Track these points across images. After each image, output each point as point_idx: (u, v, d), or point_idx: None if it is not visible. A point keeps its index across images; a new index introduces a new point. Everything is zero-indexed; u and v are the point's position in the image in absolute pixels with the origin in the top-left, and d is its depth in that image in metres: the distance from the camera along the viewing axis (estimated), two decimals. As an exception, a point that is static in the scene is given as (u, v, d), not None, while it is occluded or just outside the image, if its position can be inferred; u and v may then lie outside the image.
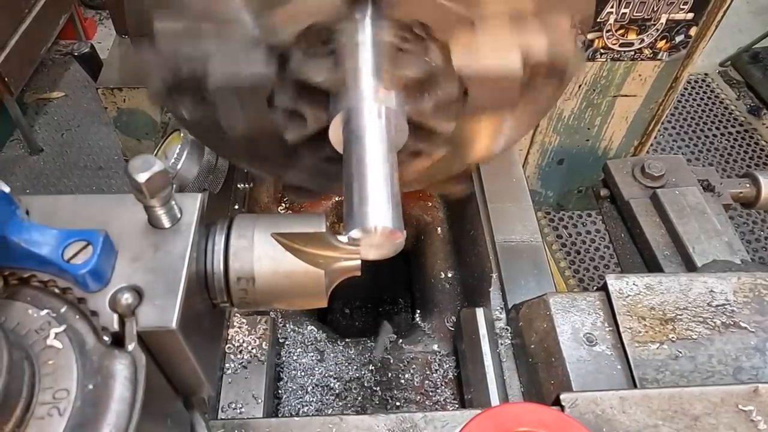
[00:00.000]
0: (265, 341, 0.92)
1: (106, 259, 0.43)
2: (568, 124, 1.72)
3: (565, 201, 2.05)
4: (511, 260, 1.00)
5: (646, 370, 0.75)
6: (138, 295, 0.43)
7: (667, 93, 1.64)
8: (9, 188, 0.42)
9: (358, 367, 1.05)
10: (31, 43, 2.56)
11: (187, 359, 0.46)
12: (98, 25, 3.41)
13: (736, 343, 0.77)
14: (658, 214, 1.15)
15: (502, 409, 0.56)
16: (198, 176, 0.93)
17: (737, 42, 3.21)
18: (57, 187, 2.64)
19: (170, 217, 0.46)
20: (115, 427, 0.38)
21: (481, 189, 1.11)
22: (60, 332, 0.41)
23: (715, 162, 2.79)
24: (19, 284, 0.43)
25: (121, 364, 0.40)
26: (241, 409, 0.84)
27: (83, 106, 2.99)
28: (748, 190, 1.23)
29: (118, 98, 1.43)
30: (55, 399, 0.38)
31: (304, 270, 0.50)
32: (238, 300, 0.50)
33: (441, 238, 1.24)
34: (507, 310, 0.94)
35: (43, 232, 0.42)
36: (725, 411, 0.62)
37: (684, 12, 1.42)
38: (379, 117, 0.58)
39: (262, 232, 0.50)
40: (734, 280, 0.82)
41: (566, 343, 0.78)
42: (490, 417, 0.51)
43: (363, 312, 1.41)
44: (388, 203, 0.51)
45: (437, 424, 0.65)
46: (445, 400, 1.00)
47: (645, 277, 0.82)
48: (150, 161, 0.42)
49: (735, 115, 3.02)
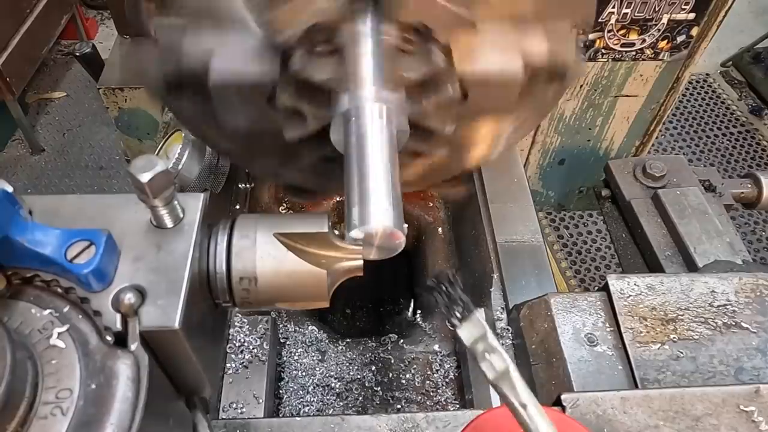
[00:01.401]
0: (266, 341, 0.92)
1: (108, 258, 0.43)
2: (570, 125, 1.73)
3: (566, 201, 2.05)
4: (512, 260, 1.00)
5: (647, 370, 0.75)
6: (141, 295, 0.43)
7: (668, 93, 1.64)
8: (12, 188, 0.42)
9: (359, 368, 1.05)
10: (33, 43, 2.56)
11: (190, 359, 0.46)
12: (100, 25, 3.41)
13: (738, 344, 0.77)
14: (659, 215, 1.15)
15: (503, 410, 0.56)
16: (199, 176, 0.93)
17: (739, 42, 3.20)
18: (58, 187, 2.64)
19: (173, 216, 0.47)
20: (118, 426, 0.38)
21: (483, 189, 1.11)
22: (63, 332, 0.41)
23: (717, 162, 2.78)
24: (22, 284, 0.43)
25: (123, 364, 0.40)
26: (242, 409, 0.84)
27: (85, 106, 3.00)
28: (750, 191, 1.23)
29: (120, 98, 1.43)
30: (58, 398, 0.38)
31: (306, 270, 0.50)
32: (241, 300, 0.50)
33: (442, 238, 1.24)
34: (508, 311, 0.94)
35: (46, 232, 0.42)
36: (726, 411, 0.62)
37: (685, 12, 1.42)
38: (381, 117, 0.58)
39: (264, 232, 0.50)
40: (736, 281, 0.82)
41: (567, 343, 0.78)
42: (492, 418, 0.51)
43: (364, 312, 1.41)
44: (389, 203, 0.51)
45: (439, 424, 0.65)
46: (446, 400, 1.00)
47: (646, 278, 0.82)
48: (153, 161, 0.42)
49: (736, 115, 3.01)
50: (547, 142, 1.78)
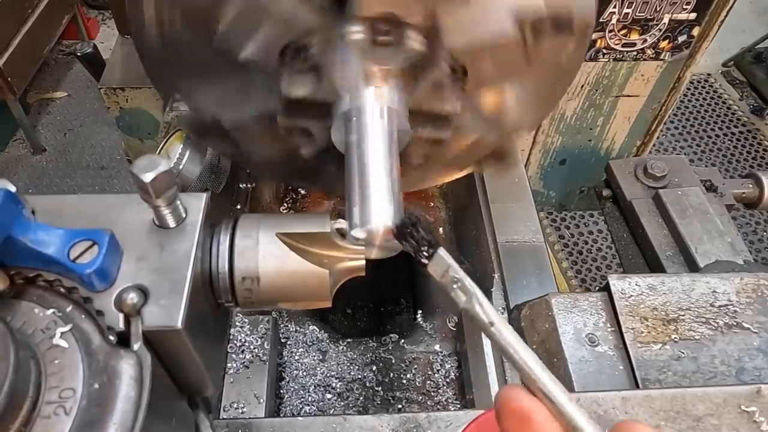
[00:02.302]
0: (267, 341, 0.92)
1: (111, 258, 0.43)
2: (571, 125, 1.72)
3: (567, 201, 2.04)
4: (513, 260, 1.00)
5: (648, 370, 0.75)
6: (143, 295, 0.43)
7: (669, 93, 1.64)
8: (15, 188, 0.42)
9: (360, 367, 1.05)
10: (34, 43, 2.56)
11: (192, 359, 0.46)
12: (101, 25, 3.41)
13: (739, 344, 0.77)
14: (660, 215, 1.15)
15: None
16: (200, 176, 0.93)
17: (740, 42, 3.20)
18: (60, 186, 2.64)
19: (175, 216, 0.47)
20: (120, 426, 0.38)
21: (484, 189, 1.11)
22: (66, 331, 0.41)
23: (718, 162, 2.78)
24: (25, 284, 0.43)
25: (126, 364, 0.40)
26: (243, 409, 0.84)
27: (86, 106, 3.00)
28: (751, 191, 1.23)
29: (121, 98, 1.43)
30: (61, 398, 0.38)
31: (309, 270, 0.50)
32: (243, 300, 0.51)
33: (443, 238, 1.24)
34: (509, 311, 0.94)
35: (49, 232, 0.42)
36: (728, 412, 0.62)
37: (687, 12, 1.42)
38: (381, 117, 0.58)
39: (267, 232, 0.50)
40: (737, 281, 0.82)
41: (568, 343, 0.78)
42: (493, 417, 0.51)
43: (365, 312, 1.41)
44: (390, 203, 0.51)
45: (440, 424, 0.65)
46: (446, 400, 1.01)
47: (647, 278, 0.82)
48: (155, 161, 0.42)
49: (738, 115, 3.01)
50: (548, 142, 1.78)
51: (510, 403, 0.35)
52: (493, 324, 0.36)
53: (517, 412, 0.34)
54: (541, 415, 0.34)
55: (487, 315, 0.36)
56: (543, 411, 0.34)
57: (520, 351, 0.36)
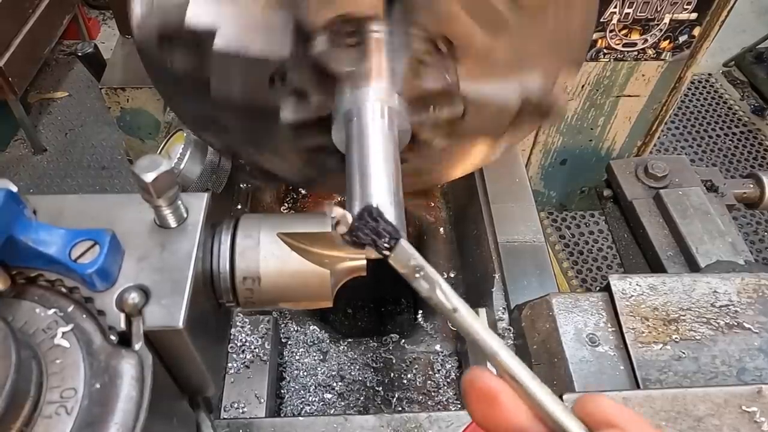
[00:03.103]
0: (267, 341, 0.92)
1: (113, 258, 0.43)
2: (571, 125, 1.72)
3: (568, 201, 2.05)
4: (513, 260, 1.00)
5: (649, 370, 0.75)
6: (145, 295, 0.43)
7: (670, 93, 1.64)
8: (16, 188, 0.42)
9: (361, 367, 1.05)
10: (35, 43, 2.56)
11: (193, 359, 0.46)
12: (101, 25, 3.41)
13: (740, 344, 0.77)
14: (661, 215, 1.15)
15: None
16: (201, 176, 0.93)
17: (741, 42, 3.20)
18: (60, 186, 2.64)
19: (177, 216, 0.47)
20: (122, 426, 0.38)
21: (484, 189, 1.11)
22: (67, 331, 0.41)
23: (719, 162, 2.78)
24: (26, 283, 0.43)
25: (128, 364, 0.40)
26: (243, 409, 0.84)
27: (87, 106, 3.00)
28: (752, 191, 1.23)
29: (122, 98, 1.43)
30: (63, 398, 0.38)
31: (310, 270, 0.50)
32: (244, 300, 0.51)
33: (443, 238, 1.24)
34: (509, 311, 0.94)
35: (51, 232, 0.42)
36: (729, 412, 0.62)
37: (687, 12, 1.42)
38: (383, 117, 0.58)
39: (268, 232, 0.50)
40: (738, 281, 0.82)
41: (569, 343, 0.78)
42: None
43: (365, 312, 1.41)
44: (391, 203, 0.51)
45: (441, 424, 0.65)
46: (447, 400, 1.00)
47: (648, 278, 0.82)
48: (157, 161, 0.42)
49: (739, 115, 3.01)
50: (549, 142, 1.78)
51: (476, 383, 0.35)
52: (456, 310, 0.36)
53: (484, 392, 0.34)
54: (507, 395, 0.34)
55: (450, 302, 0.36)
56: (509, 391, 0.34)
57: (484, 336, 0.36)
